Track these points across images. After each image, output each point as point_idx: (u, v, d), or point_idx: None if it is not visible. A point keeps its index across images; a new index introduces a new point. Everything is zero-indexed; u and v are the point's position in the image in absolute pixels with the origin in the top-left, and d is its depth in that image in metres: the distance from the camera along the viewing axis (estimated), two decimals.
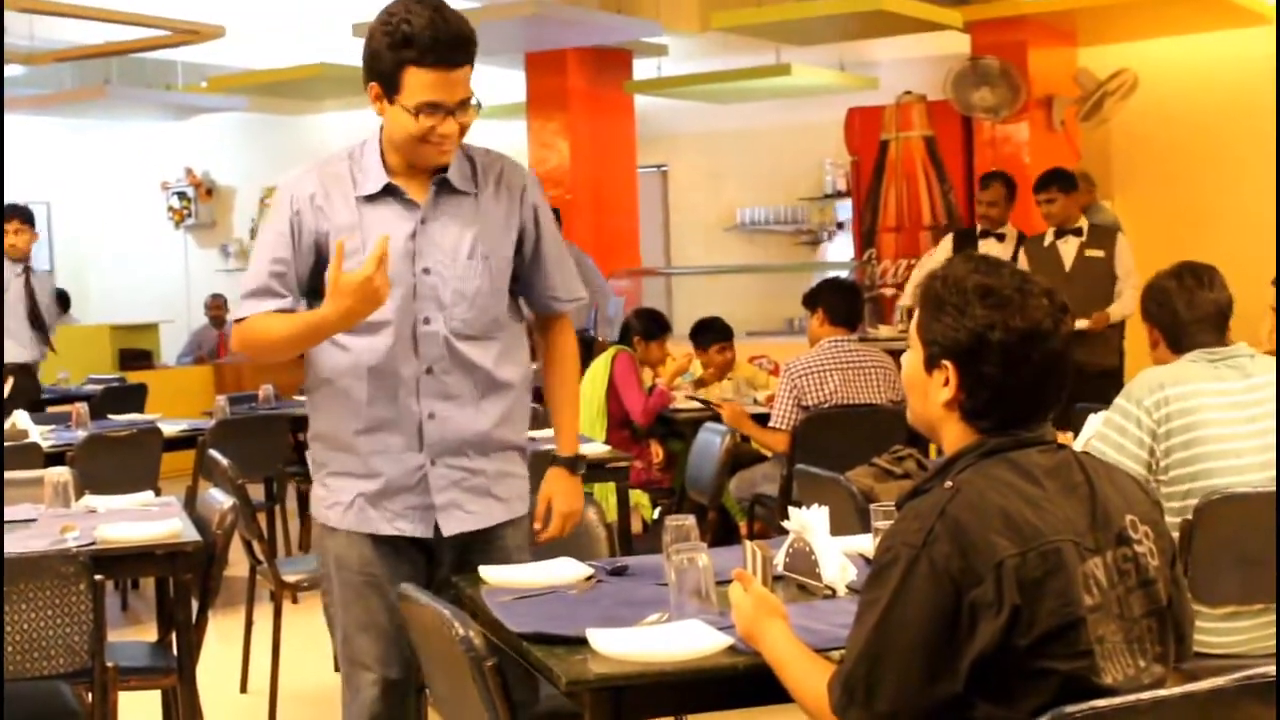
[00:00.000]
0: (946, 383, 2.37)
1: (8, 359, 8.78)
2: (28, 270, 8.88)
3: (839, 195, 12.50)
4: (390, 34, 3.17)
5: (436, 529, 3.40)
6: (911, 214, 10.64)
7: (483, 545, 3.44)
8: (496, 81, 12.76)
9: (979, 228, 8.73)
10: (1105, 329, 7.91)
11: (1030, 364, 2.33)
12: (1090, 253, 8.05)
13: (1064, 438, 4.68)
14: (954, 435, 2.41)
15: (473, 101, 3.26)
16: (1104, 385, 6.69)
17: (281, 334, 3.31)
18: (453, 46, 3.18)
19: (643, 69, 12.31)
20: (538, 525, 3.51)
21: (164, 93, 12.81)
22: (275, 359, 3.52)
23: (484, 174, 3.40)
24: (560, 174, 11.97)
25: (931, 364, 2.40)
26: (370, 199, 3.32)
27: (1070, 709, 2.03)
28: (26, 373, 8.82)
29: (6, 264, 8.85)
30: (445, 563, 3.44)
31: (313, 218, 3.33)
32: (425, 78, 3.17)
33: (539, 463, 3.63)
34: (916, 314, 2.45)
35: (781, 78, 11.12)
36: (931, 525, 2.22)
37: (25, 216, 8.84)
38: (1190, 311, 4.08)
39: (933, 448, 7.50)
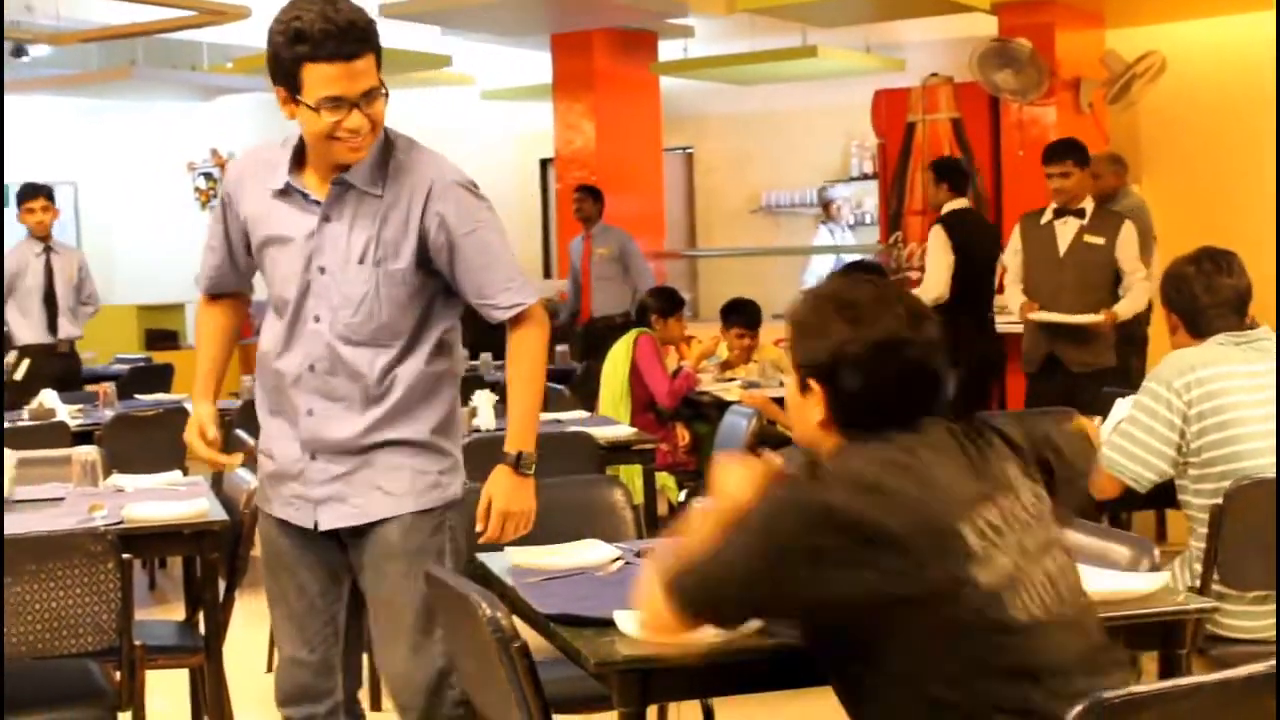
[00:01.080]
0: (818, 403, 2.45)
1: (22, 340, 8.79)
2: (48, 250, 8.89)
3: (865, 178, 12.46)
4: (284, 33, 3.13)
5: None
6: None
7: (372, 541, 3.36)
8: (522, 62, 12.76)
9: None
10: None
11: (889, 373, 2.40)
12: (1090, 238, 7.32)
13: (1091, 422, 4.69)
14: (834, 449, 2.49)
15: (381, 91, 3.19)
16: (1099, 386, 6.63)
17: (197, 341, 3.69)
18: (345, 38, 3.09)
19: (668, 50, 12.28)
20: (479, 526, 3.38)
21: (189, 73, 12.82)
22: None
23: (395, 175, 3.29)
24: (585, 155, 11.96)
25: (804, 387, 2.48)
26: (279, 193, 3.32)
27: (1109, 695, 2.03)
28: (49, 353, 8.82)
29: (27, 243, 8.86)
30: (356, 554, 3.41)
31: (235, 202, 3.42)
32: (323, 72, 3.10)
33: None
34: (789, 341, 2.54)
35: (808, 59, 11.08)
36: (799, 477, 2.40)
37: (46, 194, 8.87)
38: (1209, 296, 4.07)
39: None
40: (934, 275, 7.96)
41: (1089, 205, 7.45)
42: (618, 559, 3.32)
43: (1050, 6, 10.15)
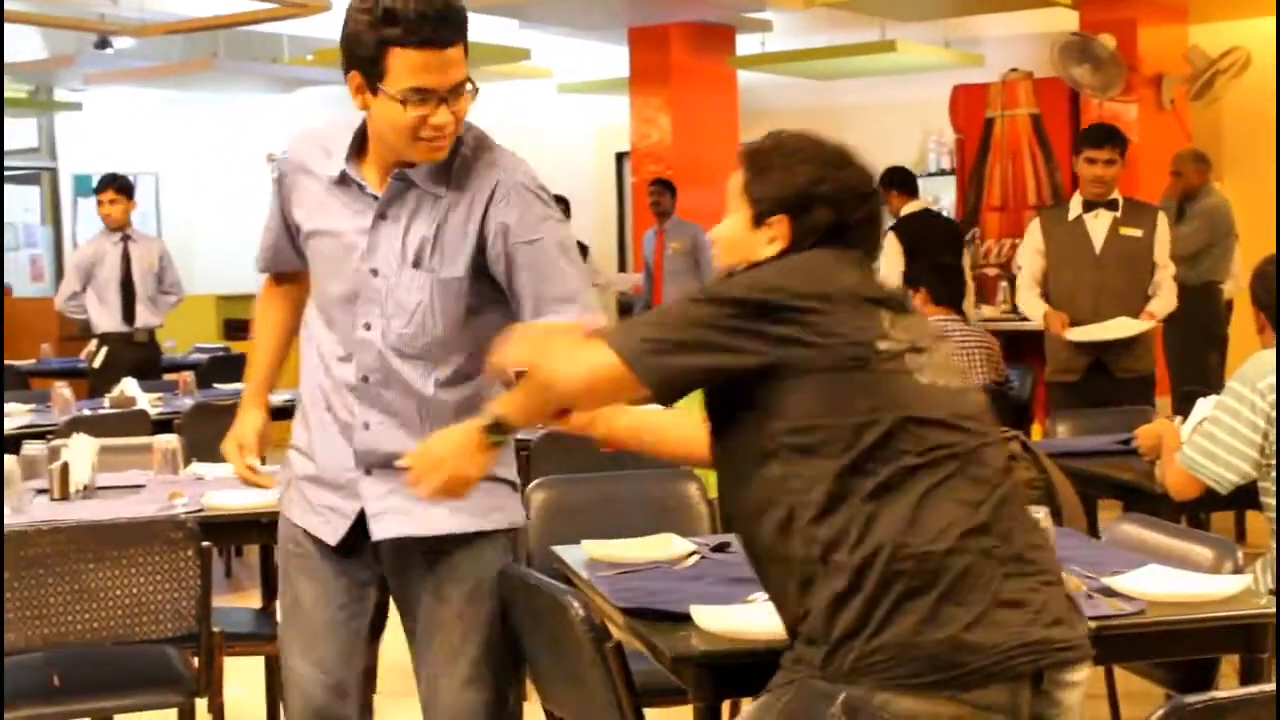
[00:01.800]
0: (773, 238, 2.58)
1: (100, 328, 8.90)
2: (126, 239, 8.95)
3: (943, 173, 12.38)
4: (370, 10, 2.79)
5: (352, 534, 3.07)
6: (1016, 193, 10.52)
7: (431, 561, 3.05)
8: (599, 56, 12.77)
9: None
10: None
11: (860, 213, 2.59)
12: (1126, 231, 6.70)
13: (1171, 422, 4.63)
14: None
15: (468, 87, 2.87)
16: (1145, 391, 6.45)
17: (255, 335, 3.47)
18: (442, 22, 2.79)
19: (746, 44, 12.25)
20: (407, 461, 2.83)
21: (270, 65, 12.92)
22: None
23: (460, 173, 2.97)
24: (662, 149, 11.96)
25: (760, 220, 2.60)
26: (335, 182, 3.02)
27: (1190, 699, 2.00)
28: (126, 341, 8.90)
29: (105, 233, 8.95)
30: (403, 574, 3.11)
31: (289, 185, 3.15)
32: (413, 59, 2.78)
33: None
34: (739, 179, 2.65)
35: (886, 54, 11.02)
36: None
37: (120, 187, 8.90)
38: None
39: (1035, 429, 7.43)
40: (888, 276, 8.06)
41: (1119, 196, 6.80)
42: (693, 553, 3.32)
43: (1133, 2, 10.05)
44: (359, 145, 3.00)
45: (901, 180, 9.04)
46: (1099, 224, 6.72)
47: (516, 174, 2.97)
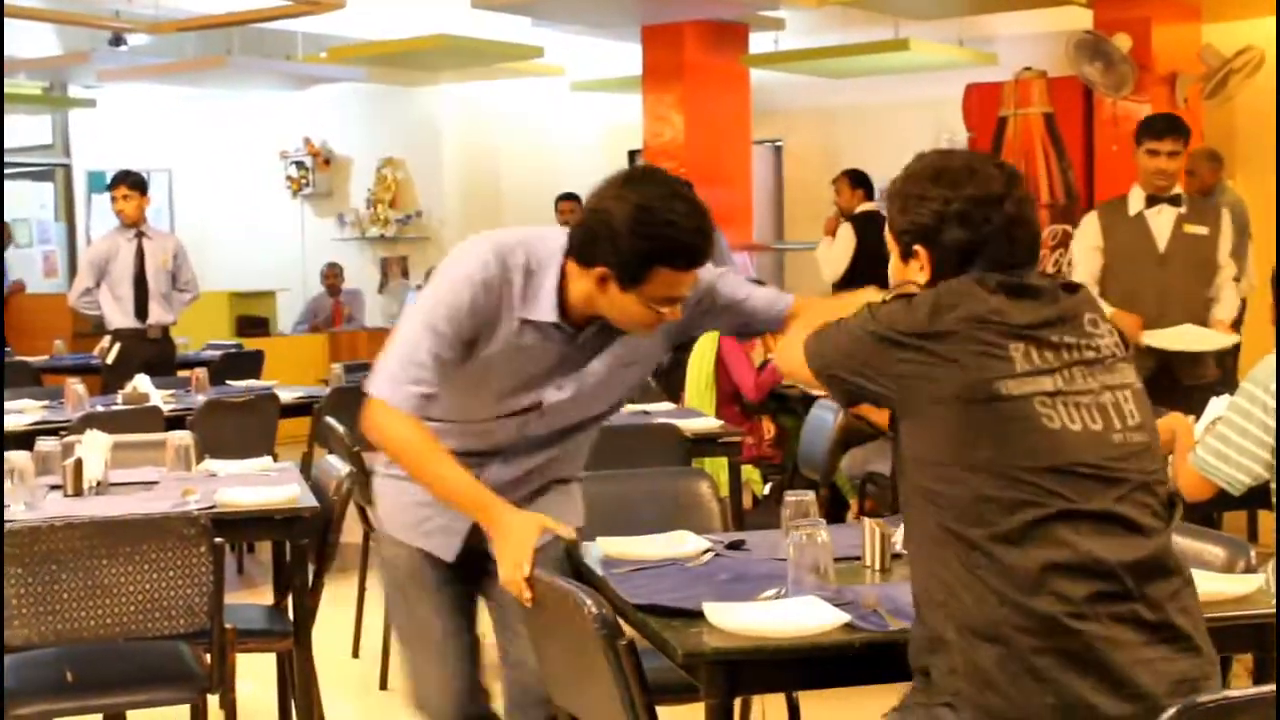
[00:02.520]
0: (922, 267, 2.57)
1: (113, 324, 8.90)
2: (140, 236, 8.93)
3: None
4: (652, 237, 2.96)
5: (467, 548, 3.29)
6: (1030, 191, 10.50)
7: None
8: (612, 54, 12.77)
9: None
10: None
11: (991, 225, 2.53)
12: (1190, 228, 6.34)
13: (1185, 418, 4.62)
14: None
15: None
16: (1210, 397, 6.18)
17: (414, 464, 3.14)
18: (700, 253, 3.04)
19: (759, 43, 12.25)
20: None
21: (284, 63, 12.94)
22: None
23: None
24: (674, 147, 11.95)
25: (906, 254, 2.60)
26: (532, 324, 3.12)
27: (1203, 699, 2.00)
28: (140, 337, 8.88)
29: (119, 229, 8.94)
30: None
31: (484, 305, 3.10)
32: (674, 277, 3.01)
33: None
34: (887, 218, 2.67)
35: (899, 53, 11.00)
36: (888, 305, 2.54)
37: (133, 183, 8.86)
38: None
39: None
40: (836, 261, 9.47)
41: (1181, 191, 6.45)
42: (707, 551, 3.32)
43: (1147, 0, 10.03)
44: (561, 298, 3.11)
45: (866, 183, 10.02)
46: (1162, 221, 6.37)
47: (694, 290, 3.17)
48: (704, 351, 7.46)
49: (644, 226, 2.96)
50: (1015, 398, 2.38)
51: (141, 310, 8.92)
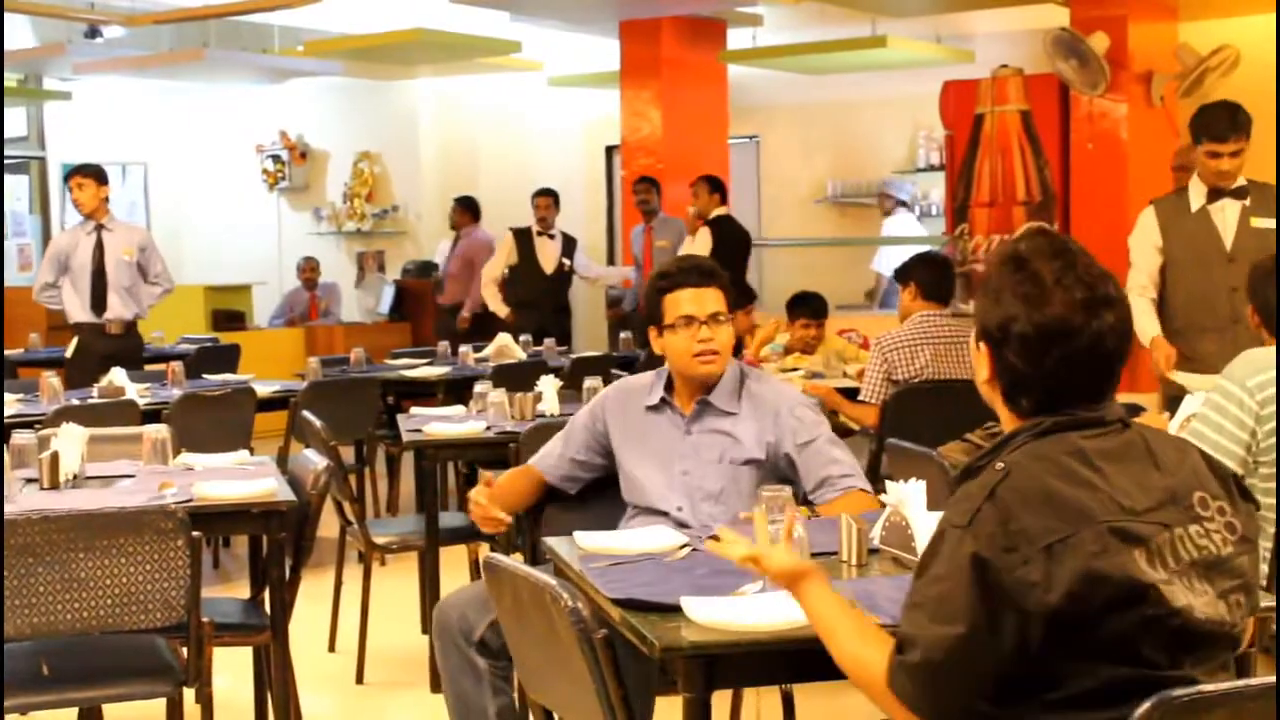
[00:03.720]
0: (984, 363, 2.40)
1: (73, 318, 8.79)
2: (100, 229, 8.74)
3: (932, 169, 12.40)
4: (652, 278, 4.08)
5: None
6: (1006, 189, 10.54)
7: None
8: (590, 49, 12.77)
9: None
10: None
11: (1050, 359, 2.29)
12: (1258, 222, 5.90)
13: (1160, 418, 4.65)
14: (1003, 417, 2.43)
15: (726, 319, 3.97)
16: None
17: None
18: (693, 272, 3.99)
19: (737, 39, 12.26)
20: None
21: (261, 56, 12.90)
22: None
23: (749, 398, 3.97)
24: (652, 143, 11.96)
25: (978, 341, 2.42)
26: (652, 409, 4.04)
27: (1177, 693, 2.01)
28: (99, 332, 8.75)
29: (80, 223, 8.81)
30: None
31: (608, 418, 4.10)
32: (678, 297, 3.95)
33: None
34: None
35: (877, 50, 11.03)
36: (979, 506, 2.21)
37: (88, 172, 8.69)
38: None
39: None
40: None
41: (1243, 181, 6.00)
42: (685, 545, 3.33)
43: None
44: (669, 386, 4.05)
45: (723, 188, 10.60)
46: (1227, 216, 5.98)
47: (795, 397, 4.04)
48: None
49: (650, 280, 4.12)
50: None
51: (98, 304, 8.76)
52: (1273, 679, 2.09)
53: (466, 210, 12.43)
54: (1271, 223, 5.82)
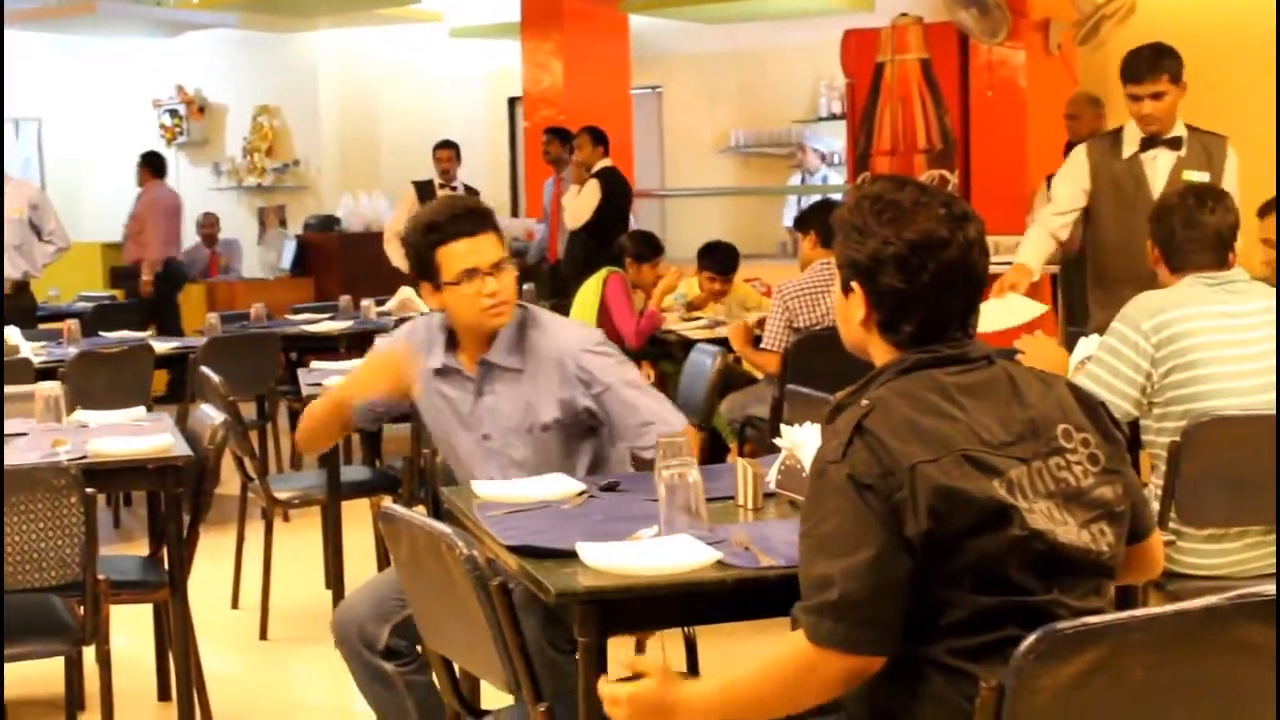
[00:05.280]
0: (860, 304, 2.44)
1: None
2: None
3: (834, 118, 12.43)
4: (417, 230, 3.70)
5: None
6: (907, 138, 10.59)
7: None
8: (491, 1, 12.68)
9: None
10: None
11: (927, 273, 2.38)
12: (1190, 174, 5.61)
13: (1057, 350, 4.67)
14: (879, 353, 2.47)
15: (508, 264, 3.69)
16: None
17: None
18: (466, 218, 3.66)
19: None
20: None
21: (154, 9, 12.71)
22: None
23: (531, 350, 3.72)
24: (554, 94, 11.91)
25: (846, 287, 2.47)
26: (438, 372, 3.78)
27: (1062, 625, 2.03)
28: None
29: None
30: None
31: (409, 360, 3.80)
32: (455, 250, 3.63)
33: None
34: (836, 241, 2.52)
35: None
36: (849, 439, 2.27)
37: None
38: (1187, 231, 4.09)
39: None
40: (582, 210, 9.99)
41: (1183, 131, 5.71)
42: (582, 492, 3.33)
43: None
44: (452, 341, 3.78)
45: (605, 140, 10.26)
46: (1159, 165, 5.72)
47: (579, 342, 3.75)
48: (586, 297, 7.47)
49: (410, 229, 3.73)
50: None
51: None
52: (1154, 610, 2.12)
53: (147, 166, 11.86)
54: (1204, 175, 5.55)
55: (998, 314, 5.16)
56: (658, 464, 2.97)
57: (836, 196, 10.74)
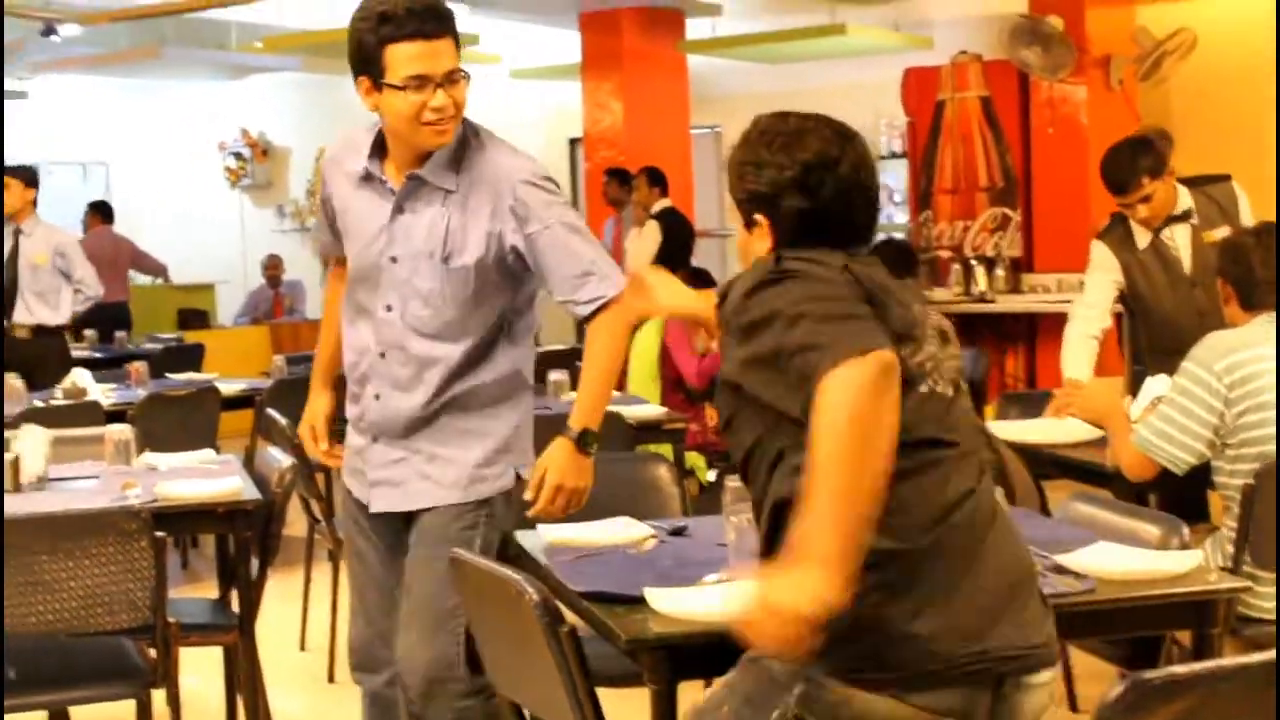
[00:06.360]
0: (764, 236, 2.52)
1: None
2: (17, 233, 8.45)
3: (894, 156, 12.41)
4: (367, 19, 3.24)
5: None
6: (968, 176, 10.57)
7: (414, 526, 3.49)
8: (550, 41, 12.75)
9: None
10: None
11: (827, 188, 2.47)
12: (1211, 236, 5.45)
13: (1115, 398, 4.64)
14: None
15: (462, 74, 3.29)
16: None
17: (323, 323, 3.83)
18: (427, 16, 3.21)
19: (696, 29, 12.26)
20: (529, 495, 3.38)
21: (219, 53, 12.85)
22: None
23: (469, 170, 3.35)
24: (614, 135, 11.95)
25: (749, 223, 2.55)
26: (361, 180, 3.43)
27: (1149, 676, 2.01)
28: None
29: (8, 225, 8.49)
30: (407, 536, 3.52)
31: (327, 181, 3.57)
32: (407, 50, 3.20)
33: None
34: (729, 188, 2.61)
35: (836, 37, 11.03)
36: (780, 280, 2.37)
37: (15, 174, 8.41)
38: (1265, 270, 4.04)
39: (987, 410, 7.46)
40: (644, 253, 9.93)
41: (1189, 202, 5.50)
42: (651, 537, 3.33)
43: None
44: (380, 146, 3.39)
45: (663, 181, 10.48)
46: (1178, 239, 5.52)
47: (520, 170, 3.35)
48: (647, 340, 7.47)
49: (360, 13, 3.27)
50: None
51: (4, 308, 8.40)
52: (1244, 659, 2.10)
53: (96, 211, 12.20)
54: (1224, 230, 5.34)
55: (1053, 433, 4.94)
56: (725, 508, 2.97)
57: (899, 235, 10.72)
